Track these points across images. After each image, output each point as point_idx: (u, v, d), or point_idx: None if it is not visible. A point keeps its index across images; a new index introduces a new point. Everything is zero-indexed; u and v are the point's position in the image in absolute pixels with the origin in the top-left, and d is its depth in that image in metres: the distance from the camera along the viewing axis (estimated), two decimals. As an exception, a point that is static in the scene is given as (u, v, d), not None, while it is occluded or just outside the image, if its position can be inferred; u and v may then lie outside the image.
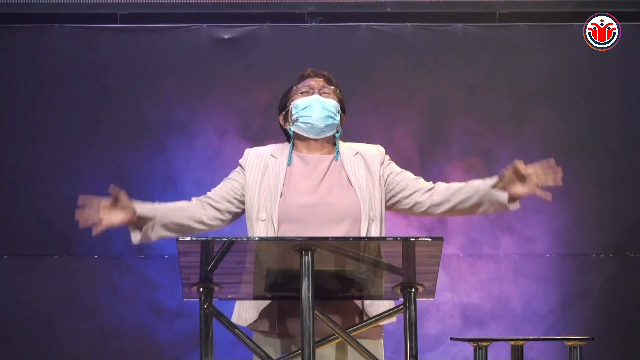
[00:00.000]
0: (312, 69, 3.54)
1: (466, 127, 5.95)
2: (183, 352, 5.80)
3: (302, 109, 3.44)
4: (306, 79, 3.52)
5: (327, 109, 3.44)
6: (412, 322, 2.98)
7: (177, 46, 5.94)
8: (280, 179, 3.41)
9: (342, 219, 3.34)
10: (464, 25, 5.99)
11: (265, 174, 3.43)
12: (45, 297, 5.82)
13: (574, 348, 4.07)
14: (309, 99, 3.45)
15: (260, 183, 3.42)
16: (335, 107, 3.47)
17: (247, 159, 3.49)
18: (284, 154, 3.48)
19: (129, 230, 3.39)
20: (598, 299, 5.90)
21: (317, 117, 3.43)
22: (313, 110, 3.44)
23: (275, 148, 3.52)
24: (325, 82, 3.50)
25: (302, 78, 3.53)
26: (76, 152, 5.88)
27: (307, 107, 3.44)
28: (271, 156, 3.47)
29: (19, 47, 5.91)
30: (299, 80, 3.53)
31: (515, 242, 5.93)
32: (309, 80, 3.51)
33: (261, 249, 2.96)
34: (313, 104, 3.44)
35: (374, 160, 3.48)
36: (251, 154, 3.51)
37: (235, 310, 3.40)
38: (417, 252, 2.95)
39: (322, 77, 3.52)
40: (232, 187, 3.46)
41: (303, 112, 3.44)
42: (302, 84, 3.50)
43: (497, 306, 5.90)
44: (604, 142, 5.97)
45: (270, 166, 3.44)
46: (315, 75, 3.52)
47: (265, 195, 3.38)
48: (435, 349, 5.85)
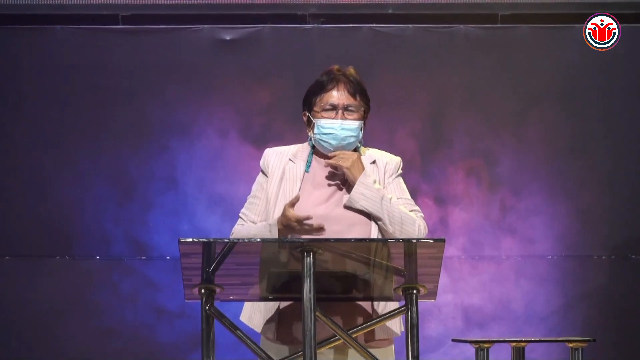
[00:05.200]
0: (340, 73, 3.48)
1: (468, 128, 5.95)
2: (184, 353, 5.79)
3: (324, 132, 3.44)
4: (332, 87, 3.46)
5: (348, 131, 3.44)
6: (413, 323, 2.98)
7: (179, 47, 5.93)
8: (296, 186, 3.42)
9: (352, 227, 3.35)
10: (466, 26, 5.99)
11: (282, 180, 3.44)
12: (46, 298, 5.81)
13: (575, 349, 4.06)
14: (332, 125, 3.43)
15: (278, 190, 3.43)
16: (358, 126, 3.45)
17: (268, 164, 3.49)
18: (302, 159, 3.48)
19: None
20: (599, 301, 5.90)
21: (336, 144, 3.44)
22: (334, 138, 3.43)
23: (295, 151, 3.51)
24: (351, 96, 3.46)
25: (328, 83, 3.47)
26: (78, 153, 5.88)
27: (329, 133, 3.43)
28: (290, 160, 3.47)
29: (21, 48, 5.91)
30: (324, 85, 3.46)
31: (517, 244, 5.92)
32: (334, 92, 3.45)
33: (263, 251, 2.96)
34: (335, 132, 3.43)
35: (387, 170, 3.49)
36: (271, 156, 3.51)
37: (247, 311, 3.40)
38: (419, 254, 2.95)
39: (349, 86, 3.46)
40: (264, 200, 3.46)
41: (325, 136, 3.44)
42: (327, 96, 3.45)
43: (498, 307, 5.90)
44: (606, 142, 5.97)
45: (287, 172, 3.45)
46: (343, 82, 3.47)
47: (281, 203, 3.38)
48: (437, 350, 5.85)
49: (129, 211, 5.86)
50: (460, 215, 5.91)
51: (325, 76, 3.49)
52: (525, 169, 5.94)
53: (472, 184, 5.93)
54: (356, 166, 3.39)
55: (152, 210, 5.86)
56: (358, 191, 3.35)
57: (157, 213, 5.86)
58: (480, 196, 5.92)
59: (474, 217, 5.91)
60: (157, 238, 5.85)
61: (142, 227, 5.86)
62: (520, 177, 5.94)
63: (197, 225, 5.83)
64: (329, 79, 3.47)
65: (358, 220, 3.35)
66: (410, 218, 3.36)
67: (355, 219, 3.36)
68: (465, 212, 5.91)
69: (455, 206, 5.92)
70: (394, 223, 3.34)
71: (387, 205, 3.35)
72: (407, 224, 3.35)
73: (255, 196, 3.49)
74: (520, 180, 5.93)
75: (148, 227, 5.86)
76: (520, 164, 5.94)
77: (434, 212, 5.88)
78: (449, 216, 5.91)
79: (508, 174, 5.94)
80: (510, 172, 5.94)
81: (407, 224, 3.35)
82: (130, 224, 5.86)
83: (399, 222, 3.34)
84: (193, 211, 5.86)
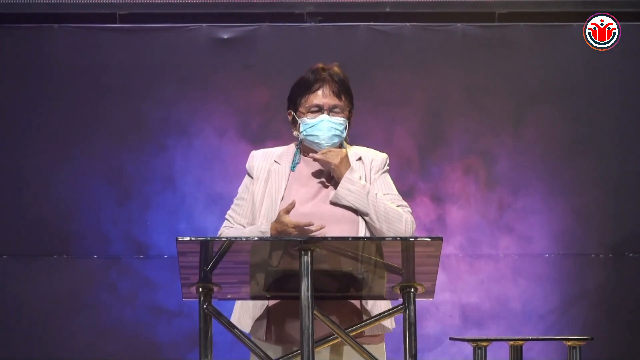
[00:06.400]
0: (325, 73, 3.49)
1: (465, 127, 5.95)
2: (182, 352, 5.79)
3: (309, 127, 3.45)
4: (317, 88, 3.47)
5: (334, 127, 3.46)
6: (411, 322, 2.98)
7: (177, 46, 5.93)
8: (281, 186, 3.43)
9: (339, 223, 3.35)
10: (463, 25, 5.99)
11: (267, 181, 3.45)
12: (44, 297, 5.81)
13: (573, 348, 4.06)
14: (317, 119, 3.45)
15: (263, 192, 3.44)
16: (343, 124, 3.47)
17: (253, 166, 3.51)
18: (288, 159, 3.49)
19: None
20: (597, 299, 5.90)
21: (323, 136, 3.45)
22: (320, 130, 3.45)
23: (280, 152, 3.53)
24: (336, 96, 3.47)
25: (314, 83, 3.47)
26: (75, 152, 5.88)
27: (314, 125, 3.45)
28: (275, 162, 3.48)
29: (18, 47, 5.90)
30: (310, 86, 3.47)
31: (515, 242, 5.92)
32: (320, 92, 3.47)
33: (260, 249, 2.96)
34: (320, 125, 3.45)
35: (373, 166, 3.50)
36: (257, 158, 3.53)
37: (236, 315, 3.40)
38: (417, 252, 2.95)
39: (334, 86, 3.48)
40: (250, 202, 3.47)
41: (310, 130, 3.45)
42: (312, 97, 3.46)
43: (496, 306, 5.90)
44: (604, 142, 5.97)
45: (272, 173, 3.46)
46: (328, 82, 3.48)
47: (267, 203, 3.39)
48: (435, 349, 5.85)
49: (127, 210, 5.86)
50: (458, 214, 5.91)
51: (310, 75, 3.49)
52: (523, 167, 5.94)
53: (470, 183, 5.93)
54: (343, 163, 3.41)
55: (150, 209, 5.87)
56: (344, 187, 3.37)
57: (155, 212, 5.86)
58: (478, 195, 5.93)
59: (471, 215, 5.91)
60: (155, 237, 5.85)
61: (140, 226, 5.86)
62: (518, 176, 5.94)
63: (195, 224, 5.83)
64: (314, 78, 3.48)
65: (345, 216, 3.37)
66: (396, 213, 3.37)
67: (342, 215, 3.37)
68: (463, 210, 5.91)
69: (453, 204, 5.92)
70: (380, 218, 3.35)
71: (373, 200, 3.36)
72: (394, 219, 3.36)
73: (242, 198, 3.50)
74: (518, 178, 5.94)
75: (146, 226, 5.86)
76: (518, 162, 5.94)
77: (431, 210, 5.88)
78: (447, 214, 5.91)
79: (506, 172, 5.94)
80: (508, 170, 5.94)
81: (394, 219, 3.36)
82: (128, 223, 5.86)
83: (384, 217, 3.35)
84: (191, 210, 5.86)
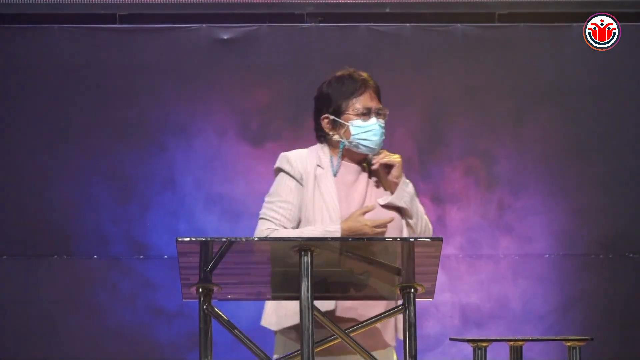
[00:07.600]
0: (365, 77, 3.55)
1: (466, 127, 5.95)
2: (182, 352, 5.79)
3: (363, 132, 3.47)
4: (363, 91, 3.52)
5: (383, 132, 3.51)
6: (411, 322, 2.98)
7: (176, 47, 5.93)
8: (333, 191, 3.45)
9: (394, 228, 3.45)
10: (464, 25, 5.98)
11: (315, 186, 3.45)
12: (44, 297, 5.81)
13: (573, 348, 4.06)
14: (371, 124, 3.48)
15: (313, 197, 3.44)
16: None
17: (298, 170, 3.48)
18: (327, 164, 3.50)
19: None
20: (597, 300, 5.90)
21: (377, 141, 3.49)
22: (375, 135, 3.48)
23: (318, 156, 3.52)
24: (379, 99, 3.54)
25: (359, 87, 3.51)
26: (75, 153, 5.88)
27: (369, 130, 3.48)
28: (318, 166, 3.48)
29: (18, 47, 5.90)
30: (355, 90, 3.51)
31: (515, 243, 5.92)
32: (366, 95, 3.52)
33: (260, 250, 2.96)
34: (375, 130, 3.48)
35: None
36: (299, 162, 3.50)
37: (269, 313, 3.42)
38: (417, 253, 2.95)
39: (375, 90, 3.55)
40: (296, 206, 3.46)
41: (364, 135, 3.48)
42: (360, 100, 3.50)
43: (496, 306, 5.90)
44: (604, 142, 5.97)
45: (319, 178, 3.47)
46: (370, 86, 3.54)
47: (322, 209, 3.41)
48: (435, 350, 5.85)
49: (127, 211, 5.86)
50: (458, 214, 5.91)
51: (350, 81, 3.53)
52: (523, 168, 5.94)
53: (470, 183, 5.93)
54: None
55: (150, 209, 5.86)
56: (402, 189, 3.47)
57: (155, 212, 5.86)
58: (478, 195, 5.93)
59: (471, 216, 5.91)
60: (155, 237, 5.85)
61: (140, 227, 5.85)
62: (518, 176, 5.94)
63: (195, 224, 5.83)
64: (359, 83, 3.53)
65: (396, 221, 3.47)
66: (425, 218, 3.53)
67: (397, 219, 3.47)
68: (463, 211, 5.91)
69: (453, 205, 5.92)
70: (418, 222, 3.48)
71: (416, 204, 3.50)
72: (425, 223, 3.52)
73: (287, 201, 3.46)
74: (518, 179, 5.94)
75: (146, 226, 5.85)
76: (518, 163, 5.94)
77: (431, 211, 5.88)
78: (447, 215, 5.91)
79: (506, 173, 5.94)
80: (508, 171, 5.94)
81: (425, 222, 3.52)
82: (128, 223, 5.86)
83: (421, 221, 3.50)
84: (191, 211, 5.86)
